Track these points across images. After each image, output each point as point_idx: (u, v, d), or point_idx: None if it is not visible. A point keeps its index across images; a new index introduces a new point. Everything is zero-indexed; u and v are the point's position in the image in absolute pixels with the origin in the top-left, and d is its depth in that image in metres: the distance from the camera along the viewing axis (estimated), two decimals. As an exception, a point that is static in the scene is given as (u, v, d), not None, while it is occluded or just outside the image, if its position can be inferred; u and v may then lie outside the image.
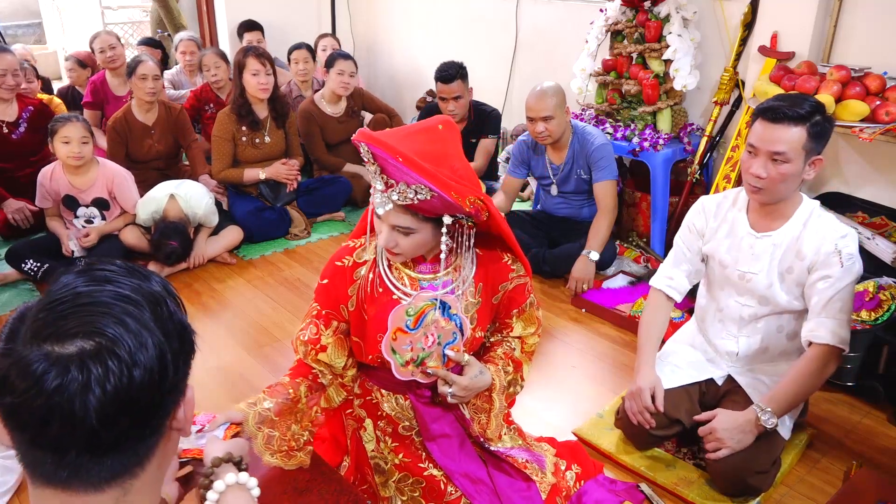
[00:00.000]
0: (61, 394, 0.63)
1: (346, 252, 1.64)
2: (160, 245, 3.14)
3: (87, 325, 0.66)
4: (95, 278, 0.70)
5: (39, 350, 0.65)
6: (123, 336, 0.66)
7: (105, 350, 0.65)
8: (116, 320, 0.67)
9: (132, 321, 0.68)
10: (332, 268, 1.63)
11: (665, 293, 2.11)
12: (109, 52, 4.25)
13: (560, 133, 3.02)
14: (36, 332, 0.66)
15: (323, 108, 4.05)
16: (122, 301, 0.69)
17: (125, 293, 0.70)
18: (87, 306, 0.67)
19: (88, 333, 0.66)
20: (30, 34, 8.00)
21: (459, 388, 1.58)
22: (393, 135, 1.43)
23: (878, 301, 2.27)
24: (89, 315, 0.66)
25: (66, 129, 3.05)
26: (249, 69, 3.48)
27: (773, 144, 1.77)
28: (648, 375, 2.00)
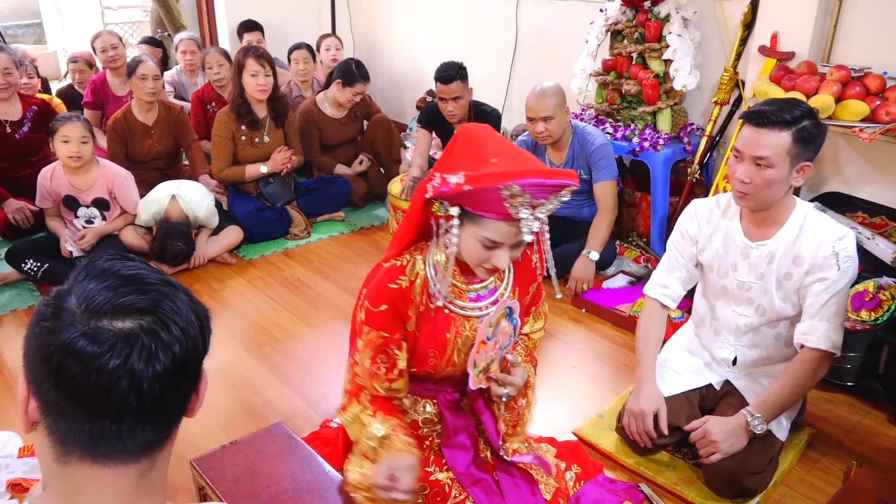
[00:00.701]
0: (129, 363, 0.69)
1: (397, 272, 1.55)
2: (165, 246, 3.14)
3: (145, 301, 0.72)
4: (130, 265, 0.76)
5: (99, 324, 0.69)
6: (177, 311, 0.73)
7: (166, 322, 0.71)
8: (168, 298, 0.73)
9: (179, 300, 0.74)
10: (388, 291, 1.54)
11: (660, 302, 2.10)
12: (111, 51, 4.25)
13: (560, 133, 3.02)
14: (93, 309, 0.70)
15: (324, 110, 4.05)
16: (164, 284, 0.75)
17: (164, 277, 0.76)
18: (139, 285, 0.73)
19: (145, 310, 0.71)
20: (30, 34, 8.00)
21: (514, 389, 1.64)
22: (508, 154, 1.41)
23: (878, 301, 2.26)
24: (143, 293, 0.72)
25: (66, 128, 3.05)
26: (249, 70, 3.48)
27: (757, 149, 1.75)
28: (651, 396, 1.97)
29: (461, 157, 1.43)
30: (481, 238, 1.44)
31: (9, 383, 2.47)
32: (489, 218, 1.41)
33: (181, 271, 3.30)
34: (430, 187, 1.42)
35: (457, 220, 1.43)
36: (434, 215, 1.48)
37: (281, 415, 2.25)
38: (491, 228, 1.42)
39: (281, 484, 1.47)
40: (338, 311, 2.98)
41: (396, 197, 3.50)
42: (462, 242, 1.47)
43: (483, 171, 1.36)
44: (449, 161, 1.46)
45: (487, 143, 1.44)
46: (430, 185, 1.42)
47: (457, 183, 1.35)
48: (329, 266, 3.42)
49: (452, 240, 1.45)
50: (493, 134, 1.48)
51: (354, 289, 3.17)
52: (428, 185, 1.43)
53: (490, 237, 1.43)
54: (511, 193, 1.34)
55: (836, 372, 2.32)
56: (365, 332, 1.55)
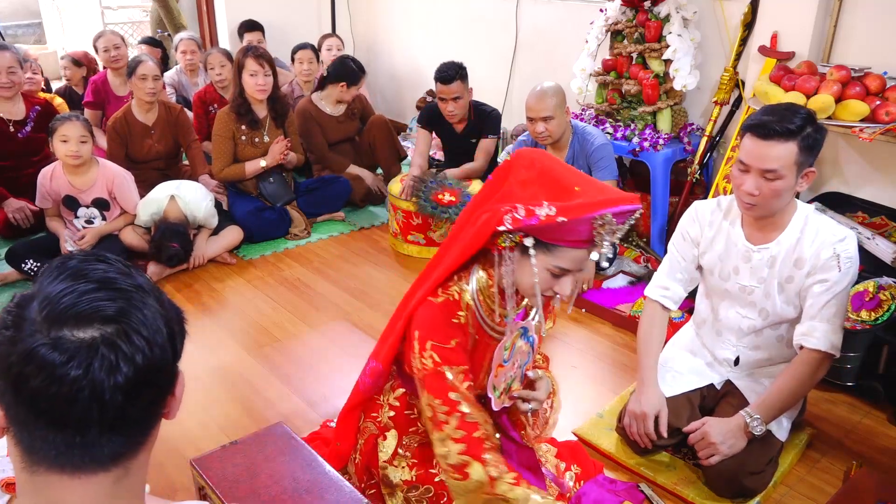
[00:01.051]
0: (90, 374, 0.67)
1: (454, 307, 1.51)
2: (161, 247, 3.14)
3: (111, 308, 0.70)
4: (100, 268, 0.73)
5: (60, 333, 0.67)
6: (143, 320, 0.71)
7: (130, 332, 0.70)
8: (136, 305, 0.71)
9: (147, 307, 0.72)
10: (452, 326, 1.50)
11: (661, 304, 2.10)
12: (114, 51, 4.26)
13: (560, 133, 3.02)
14: (55, 317, 0.68)
15: (322, 108, 4.05)
16: (135, 289, 0.73)
17: (136, 282, 0.74)
18: (108, 290, 0.71)
19: (109, 318, 0.69)
20: (30, 34, 8.00)
21: (538, 403, 1.66)
22: (584, 181, 1.39)
23: (878, 301, 2.27)
24: (111, 300, 0.70)
25: (65, 127, 3.05)
26: (248, 69, 3.49)
27: (765, 162, 1.74)
28: (652, 398, 1.97)
29: (530, 186, 1.40)
30: (552, 267, 1.42)
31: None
32: (565, 247, 1.40)
33: (181, 271, 3.30)
34: (508, 219, 1.36)
35: (532, 250, 1.41)
36: (498, 246, 1.43)
37: (281, 415, 2.25)
38: (565, 257, 1.41)
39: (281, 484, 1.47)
40: (338, 311, 2.98)
41: (396, 197, 3.51)
42: (526, 271, 1.44)
43: (572, 201, 1.33)
44: (513, 190, 1.42)
45: (561, 171, 1.41)
46: (508, 217, 1.36)
47: (548, 215, 1.31)
48: (329, 266, 3.42)
49: (533, 270, 1.41)
50: (557, 160, 1.46)
51: (354, 289, 3.17)
52: (505, 217, 1.36)
53: (562, 265, 1.42)
54: (603, 222, 1.34)
55: (836, 372, 2.32)
56: (446, 372, 1.45)
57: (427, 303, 1.50)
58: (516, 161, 1.46)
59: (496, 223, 1.38)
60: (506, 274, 1.45)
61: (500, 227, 1.38)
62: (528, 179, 1.42)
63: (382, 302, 3.06)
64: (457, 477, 1.41)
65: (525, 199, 1.38)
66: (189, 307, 3.03)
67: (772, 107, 1.82)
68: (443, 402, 1.44)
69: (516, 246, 1.42)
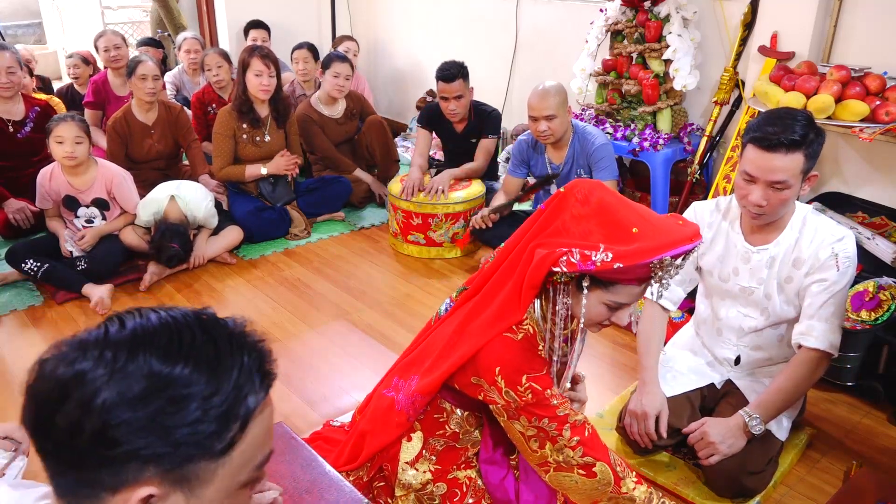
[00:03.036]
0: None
1: (534, 341, 1.50)
2: (161, 247, 3.14)
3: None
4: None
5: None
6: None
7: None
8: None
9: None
10: (538, 359, 1.50)
11: (660, 304, 2.10)
12: (114, 51, 4.27)
13: (562, 132, 3.02)
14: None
15: (320, 111, 4.05)
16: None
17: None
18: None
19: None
20: (30, 34, 8.00)
21: (580, 405, 1.70)
22: (642, 220, 1.37)
23: (878, 301, 2.27)
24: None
25: (60, 128, 3.04)
26: (253, 69, 3.49)
27: (773, 174, 1.73)
28: (654, 399, 1.97)
29: (585, 223, 1.38)
30: (608, 301, 1.41)
31: (9, 384, 2.47)
32: (622, 284, 1.39)
33: (181, 271, 3.30)
34: (563, 262, 1.35)
35: (586, 290, 1.40)
36: (554, 282, 1.43)
37: (281, 415, 2.25)
38: (622, 293, 1.40)
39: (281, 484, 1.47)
40: (338, 311, 2.98)
41: (396, 197, 3.51)
42: (582, 304, 1.43)
43: (630, 245, 1.31)
44: (567, 225, 1.40)
45: (618, 209, 1.38)
46: (564, 260, 1.34)
47: (603, 261, 1.30)
48: (329, 266, 3.42)
49: (582, 305, 1.41)
50: (613, 193, 1.44)
51: (354, 289, 3.17)
52: (560, 260, 1.35)
53: (619, 300, 1.41)
54: (661, 265, 1.33)
55: (836, 372, 2.32)
56: (550, 396, 1.47)
57: (504, 339, 1.48)
58: (571, 193, 1.44)
59: (551, 264, 1.37)
60: (560, 308, 1.44)
61: (554, 269, 1.37)
62: (583, 215, 1.40)
63: (382, 302, 3.07)
64: (582, 474, 1.49)
65: (579, 236, 1.37)
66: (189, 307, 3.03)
67: (771, 115, 1.79)
68: (550, 419, 1.47)
69: (571, 281, 1.41)
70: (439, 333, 1.64)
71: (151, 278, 3.17)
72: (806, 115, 1.77)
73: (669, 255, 1.32)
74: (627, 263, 1.30)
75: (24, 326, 2.87)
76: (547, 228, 1.46)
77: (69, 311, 2.97)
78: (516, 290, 1.48)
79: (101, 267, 3.12)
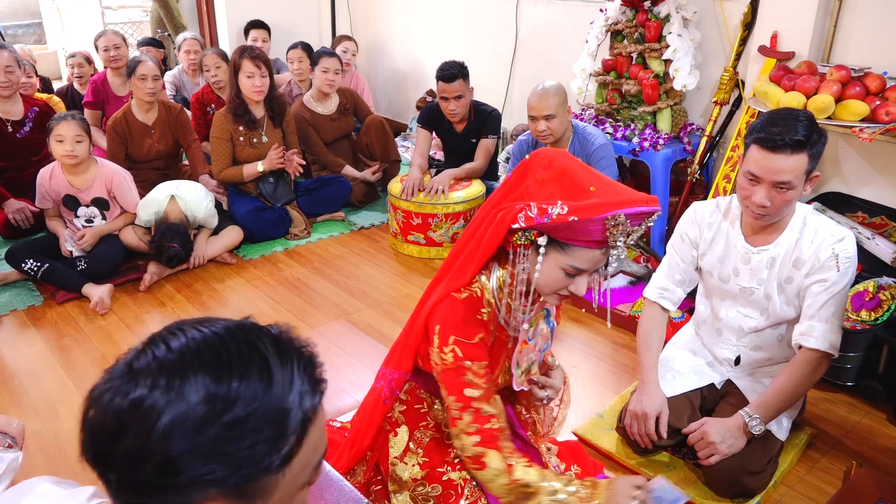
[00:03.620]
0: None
1: (478, 304, 1.51)
2: (161, 247, 3.14)
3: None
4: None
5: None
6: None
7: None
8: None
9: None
10: (477, 322, 1.50)
11: (660, 305, 2.10)
12: (114, 51, 4.27)
13: (562, 132, 3.02)
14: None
15: (313, 109, 4.05)
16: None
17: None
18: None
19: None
20: (30, 34, 8.00)
21: (554, 392, 1.67)
22: (600, 182, 1.38)
23: (878, 301, 2.27)
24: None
25: (60, 127, 3.05)
26: (244, 71, 3.48)
27: (777, 175, 1.72)
28: (654, 399, 1.97)
29: (547, 185, 1.40)
30: (566, 266, 1.41)
31: (9, 383, 2.47)
32: (579, 246, 1.39)
33: (181, 271, 3.30)
34: (522, 217, 1.36)
35: (543, 248, 1.40)
36: (513, 244, 1.43)
37: (281, 415, 2.25)
38: (579, 256, 1.40)
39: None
40: (338, 311, 2.98)
41: (396, 197, 3.50)
42: (541, 269, 1.44)
43: (586, 200, 1.33)
44: (530, 189, 1.42)
45: (577, 171, 1.40)
46: (522, 215, 1.36)
47: (559, 214, 1.31)
48: (329, 266, 3.42)
49: (536, 268, 1.41)
50: (574, 159, 1.45)
51: (354, 289, 3.17)
52: (519, 216, 1.36)
53: (577, 265, 1.41)
54: (616, 223, 1.33)
55: (836, 372, 2.32)
56: (468, 368, 1.46)
57: (450, 298, 1.49)
58: (535, 160, 1.46)
59: (510, 221, 1.38)
60: (519, 272, 1.45)
61: (513, 225, 1.38)
62: (545, 179, 1.42)
63: (382, 302, 3.06)
64: (475, 467, 1.45)
65: (541, 198, 1.38)
66: (189, 307, 3.03)
67: (774, 116, 1.78)
68: (457, 398, 1.45)
69: (531, 244, 1.42)
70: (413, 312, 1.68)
71: (151, 278, 3.17)
72: (808, 116, 1.76)
73: (624, 213, 1.32)
74: (582, 216, 1.31)
75: (24, 326, 2.87)
76: (511, 194, 1.47)
77: (69, 311, 2.97)
78: (473, 253, 1.49)
79: (100, 266, 3.12)
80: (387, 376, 1.67)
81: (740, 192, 1.84)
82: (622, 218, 1.32)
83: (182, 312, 2.98)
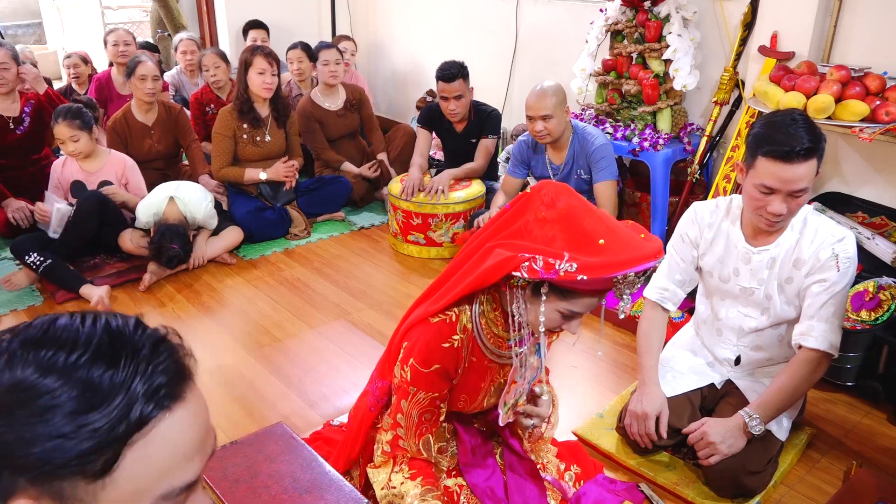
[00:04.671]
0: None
1: (448, 331, 1.48)
2: (161, 248, 3.14)
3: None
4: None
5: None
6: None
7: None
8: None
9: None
10: (441, 352, 1.47)
11: (660, 305, 2.10)
12: (123, 46, 4.35)
13: (560, 132, 3.02)
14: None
15: (320, 103, 4.06)
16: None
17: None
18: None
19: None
20: (30, 34, 8.00)
21: (540, 420, 1.67)
22: (608, 232, 1.34)
23: (878, 301, 2.27)
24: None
25: (56, 131, 3.21)
26: (256, 68, 3.50)
27: (795, 184, 1.72)
28: (654, 399, 1.98)
29: (549, 226, 1.35)
30: (564, 310, 1.39)
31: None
32: (581, 294, 1.36)
33: (181, 272, 3.31)
34: (525, 267, 1.30)
35: (544, 297, 1.37)
36: (510, 285, 1.40)
37: (281, 415, 2.25)
38: (580, 304, 1.38)
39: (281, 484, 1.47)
40: (338, 311, 2.98)
41: (396, 197, 3.51)
42: (537, 309, 1.40)
43: (595, 258, 1.28)
44: (530, 226, 1.37)
45: (582, 215, 1.35)
46: (525, 266, 1.30)
47: (567, 272, 1.26)
48: (329, 266, 3.42)
49: (540, 315, 1.38)
50: (579, 197, 1.41)
51: (354, 289, 3.17)
52: (522, 265, 1.30)
53: (575, 310, 1.39)
54: (626, 280, 1.32)
55: (836, 372, 2.32)
56: (412, 394, 1.47)
57: (424, 322, 1.48)
58: (536, 196, 1.41)
59: (511, 268, 1.33)
60: (516, 311, 1.42)
61: (514, 273, 1.33)
62: (547, 219, 1.37)
63: (382, 302, 3.06)
64: (371, 465, 1.62)
65: (542, 240, 1.34)
66: (189, 307, 3.03)
67: (773, 123, 1.76)
68: (390, 414, 1.55)
69: (528, 285, 1.39)
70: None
71: (151, 279, 3.17)
72: (805, 117, 1.76)
73: (633, 272, 1.30)
74: (592, 276, 1.27)
75: (23, 326, 2.87)
76: (507, 228, 1.43)
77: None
78: (457, 283, 1.47)
79: (73, 239, 3.18)
80: (374, 384, 1.69)
81: (752, 203, 1.82)
82: (632, 276, 1.31)
83: (182, 312, 2.99)
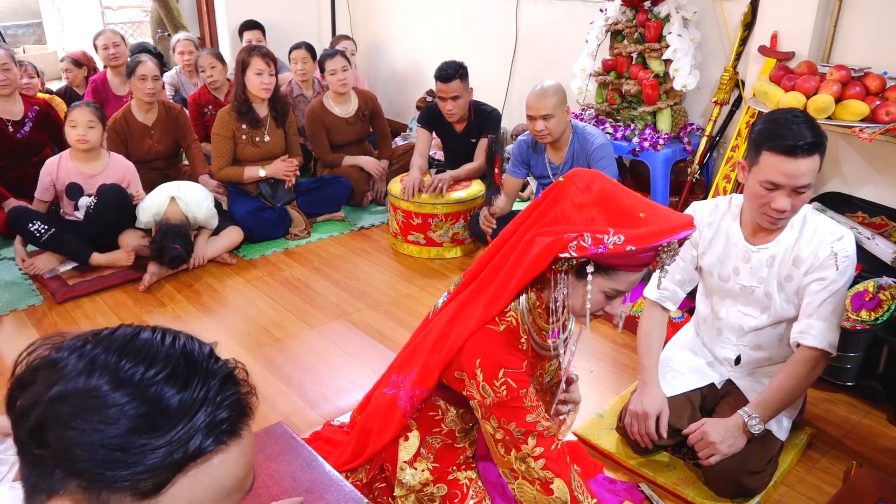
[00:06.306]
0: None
1: (516, 334, 1.49)
2: (163, 248, 3.14)
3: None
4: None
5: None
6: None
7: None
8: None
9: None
10: (519, 352, 1.49)
11: (660, 304, 2.10)
12: (112, 49, 4.29)
13: (560, 132, 3.02)
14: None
15: (330, 109, 4.05)
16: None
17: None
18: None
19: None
20: (30, 34, 8.00)
21: (576, 406, 1.70)
22: (646, 206, 1.37)
23: (878, 301, 2.27)
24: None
25: (74, 113, 3.19)
26: (253, 68, 3.49)
27: (799, 179, 1.73)
28: (654, 399, 1.98)
29: (587, 209, 1.37)
30: (608, 289, 1.42)
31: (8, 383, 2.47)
32: (624, 270, 1.39)
33: (181, 271, 3.30)
34: (573, 246, 1.33)
35: (591, 276, 1.39)
36: (554, 271, 1.42)
37: (281, 415, 2.25)
38: (623, 280, 1.41)
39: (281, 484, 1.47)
40: (338, 311, 2.98)
41: (396, 197, 3.51)
42: (580, 293, 1.43)
43: (640, 229, 1.32)
44: (567, 212, 1.39)
45: (619, 194, 1.39)
46: (574, 244, 1.33)
47: (615, 243, 1.30)
48: (329, 266, 3.42)
49: (587, 296, 1.41)
50: (612, 181, 1.44)
51: (354, 289, 3.17)
52: (570, 245, 1.33)
53: (619, 288, 1.42)
54: (669, 248, 1.34)
55: (836, 372, 2.32)
56: (524, 395, 1.45)
57: (486, 331, 1.47)
58: (570, 182, 1.43)
59: (559, 250, 1.35)
60: (558, 297, 1.43)
61: (562, 255, 1.35)
62: (584, 203, 1.39)
63: (382, 302, 3.06)
64: (538, 490, 1.45)
65: (582, 223, 1.36)
66: (189, 307, 3.03)
67: (775, 120, 1.76)
68: (518, 424, 1.45)
69: (572, 269, 1.41)
70: (434, 326, 1.63)
71: (151, 278, 3.17)
72: (805, 115, 1.77)
73: (676, 239, 1.33)
74: (640, 245, 1.30)
75: (24, 326, 2.87)
76: (545, 217, 1.45)
77: (69, 311, 2.97)
78: (507, 280, 1.47)
79: (106, 208, 3.18)
80: (405, 388, 1.63)
81: (756, 201, 1.82)
82: (675, 244, 1.33)
83: (182, 312, 2.99)
